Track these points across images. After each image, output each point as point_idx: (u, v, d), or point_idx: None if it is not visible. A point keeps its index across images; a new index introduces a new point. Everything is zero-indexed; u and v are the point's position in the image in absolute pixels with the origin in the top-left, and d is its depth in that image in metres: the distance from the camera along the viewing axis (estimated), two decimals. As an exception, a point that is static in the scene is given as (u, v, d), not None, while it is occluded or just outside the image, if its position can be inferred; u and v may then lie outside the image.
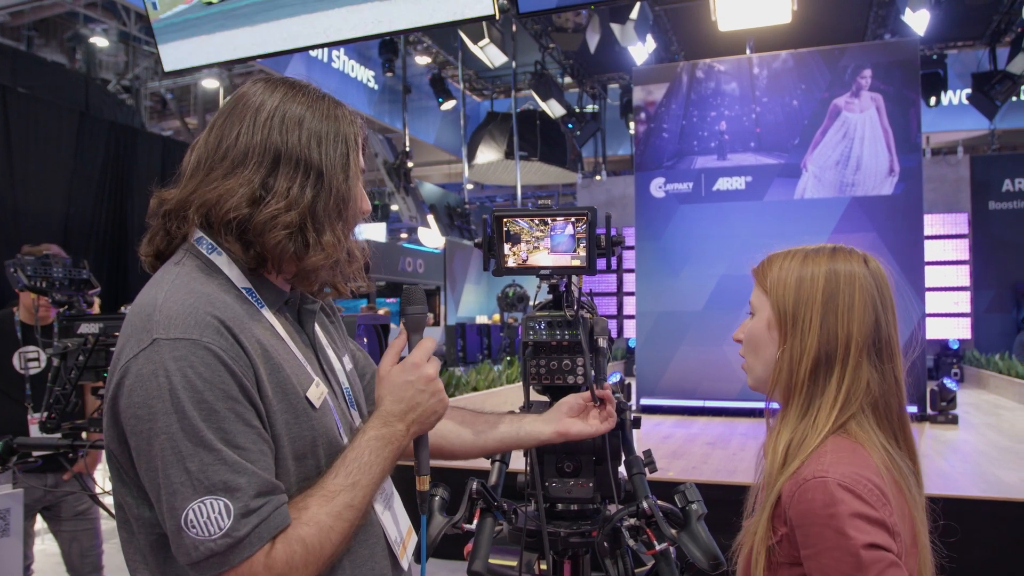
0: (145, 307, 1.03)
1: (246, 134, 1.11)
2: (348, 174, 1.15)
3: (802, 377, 1.20)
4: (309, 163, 1.11)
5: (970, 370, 11.11)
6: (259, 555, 0.96)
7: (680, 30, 11.85)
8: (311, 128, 1.13)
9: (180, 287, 1.05)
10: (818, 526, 1.05)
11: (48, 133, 8.04)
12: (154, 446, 0.96)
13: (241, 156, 1.10)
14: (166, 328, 0.99)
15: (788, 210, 7.98)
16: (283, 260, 1.10)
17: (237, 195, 1.08)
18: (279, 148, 1.10)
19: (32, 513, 3.14)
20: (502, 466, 1.76)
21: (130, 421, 0.98)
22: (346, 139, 1.16)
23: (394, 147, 13.01)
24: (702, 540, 1.55)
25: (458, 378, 7.42)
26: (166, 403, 0.96)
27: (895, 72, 7.72)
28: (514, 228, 1.68)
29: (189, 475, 0.95)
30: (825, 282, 1.23)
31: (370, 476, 1.08)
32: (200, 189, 1.10)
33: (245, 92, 1.16)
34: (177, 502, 0.95)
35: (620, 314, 12.81)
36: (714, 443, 6.23)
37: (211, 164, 1.11)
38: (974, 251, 11.78)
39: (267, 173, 1.10)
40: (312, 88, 1.19)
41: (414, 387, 1.16)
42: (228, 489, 0.95)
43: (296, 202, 1.09)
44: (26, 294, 3.08)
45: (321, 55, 12.07)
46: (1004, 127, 14.11)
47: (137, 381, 0.97)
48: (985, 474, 4.82)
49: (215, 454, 0.96)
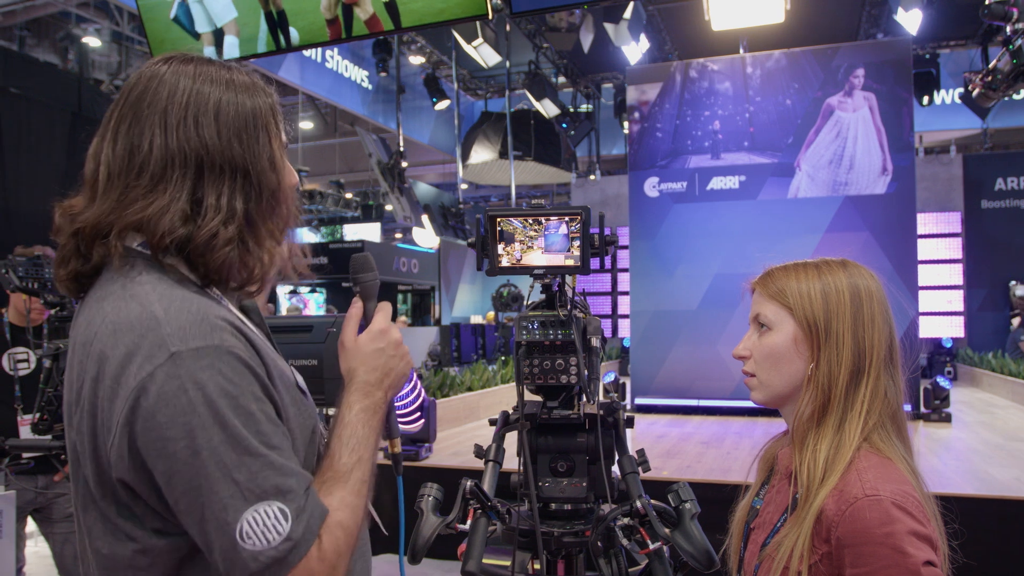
0: (139, 321, 0.96)
1: (160, 140, 1.02)
2: (274, 163, 1.09)
3: (841, 390, 1.21)
4: (234, 165, 1.04)
5: (963, 368, 11.15)
6: (313, 550, 0.94)
7: (673, 30, 11.86)
8: (228, 119, 1.05)
9: (168, 294, 0.99)
10: (873, 544, 1.05)
11: (40, 133, 8.00)
12: (194, 465, 0.91)
13: (160, 169, 1.01)
14: (183, 339, 0.94)
15: (782, 209, 8.00)
16: (231, 274, 1.05)
17: (169, 215, 1.00)
18: (200, 154, 1.02)
19: (24, 515, 3.13)
20: (496, 466, 1.76)
21: (156, 443, 0.91)
22: (266, 124, 1.09)
23: (388, 147, 12.98)
24: (696, 539, 1.55)
25: (452, 378, 7.41)
26: (203, 417, 0.91)
27: (888, 71, 7.74)
28: (508, 228, 1.67)
29: (238, 486, 0.91)
30: (851, 295, 1.24)
31: (369, 448, 1.08)
32: (119, 210, 1.01)
33: (147, 83, 1.06)
34: (229, 516, 0.91)
35: (614, 313, 12.81)
36: (708, 442, 6.23)
37: (127, 180, 1.02)
38: (967, 250, 11.81)
39: (193, 185, 1.02)
40: (218, 63, 1.10)
41: (385, 354, 1.15)
42: (280, 492, 0.93)
43: (232, 214, 1.03)
44: (16, 295, 3.06)
45: (315, 55, 12.04)
46: (996, 126, 14.15)
47: (160, 400, 0.91)
48: (978, 472, 4.84)
49: (261, 459, 0.93)
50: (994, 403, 8.69)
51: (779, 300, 1.28)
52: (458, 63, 13.20)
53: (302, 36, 4.12)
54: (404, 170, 12.58)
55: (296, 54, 11.15)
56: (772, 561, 1.18)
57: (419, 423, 5.14)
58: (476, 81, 14.89)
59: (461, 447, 5.71)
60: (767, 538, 1.24)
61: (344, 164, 18.67)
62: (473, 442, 1.79)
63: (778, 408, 1.32)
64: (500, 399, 7.71)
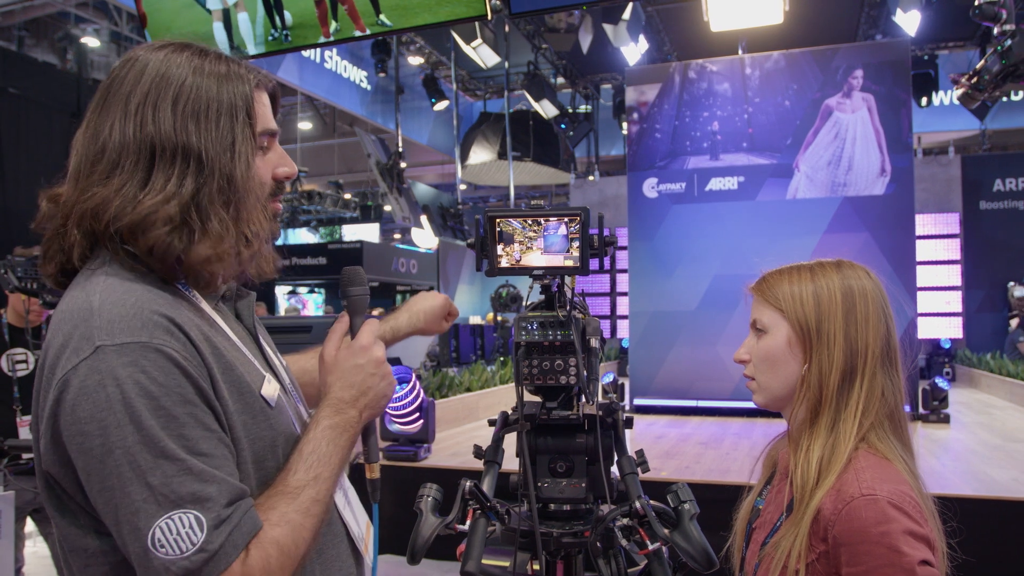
0: (78, 311, 0.93)
1: (119, 127, 1.00)
2: (235, 151, 1.03)
3: (832, 390, 1.22)
4: (187, 150, 1.00)
5: (962, 369, 11.16)
6: (235, 565, 0.89)
7: (672, 30, 11.86)
8: (188, 103, 1.01)
9: (115, 286, 0.96)
10: (869, 543, 1.06)
11: (39, 134, 8.01)
12: (107, 464, 0.87)
13: (115, 156, 1.00)
14: (109, 333, 0.90)
15: (780, 210, 8.00)
16: (171, 261, 0.99)
17: (117, 201, 0.97)
18: (153, 140, 0.99)
19: (23, 515, 3.13)
20: (495, 467, 1.76)
21: (75, 439, 0.88)
22: (232, 107, 1.04)
23: (387, 147, 12.98)
24: (695, 540, 1.55)
25: (451, 378, 7.41)
26: (118, 415, 0.87)
27: (886, 72, 7.75)
28: (507, 228, 1.67)
29: (152, 490, 0.87)
30: (843, 295, 1.25)
31: (330, 468, 1.03)
32: (80, 197, 1.00)
33: (118, 70, 1.04)
34: (141, 522, 0.86)
35: (613, 314, 12.81)
36: (707, 443, 6.23)
37: (89, 167, 1.01)
38: (965, 251, 11.83)
39: (145, 172, 0.99)
40: (198, 45, 1.07)
41: (364, 371, 1.10)
42: (197, 500, 0.88)
43: (175, 194, 0.98)
44: (15, 296, 3.06)
45: (314, 55, 12.04)
46: (995, 127, 14.17)
47: (81, 394, 0.88)
48: (977, 472, 4.84)
49: (179, 464, 0.88)
50: (992, 404, 8.69)
51: (773, 304, 1.30)
52: (457, 64, 13.20)
53: (295, 18, 4.17)
54: (403, 171, 12.58)
55: (295, 55, 11.15)
56: (771, 560, 1.18)
57: (418, 424, 5.14)
58: (475, 82, 14.89)
59: (460, 448, 5.71)
60: (767, 538, 1.25)
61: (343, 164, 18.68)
62: (472, 443, 1.79)
63: (780, 411, 1.33)
64: (499, 400, 7.71)
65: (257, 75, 1.10)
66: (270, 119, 1.11)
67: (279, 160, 1.12)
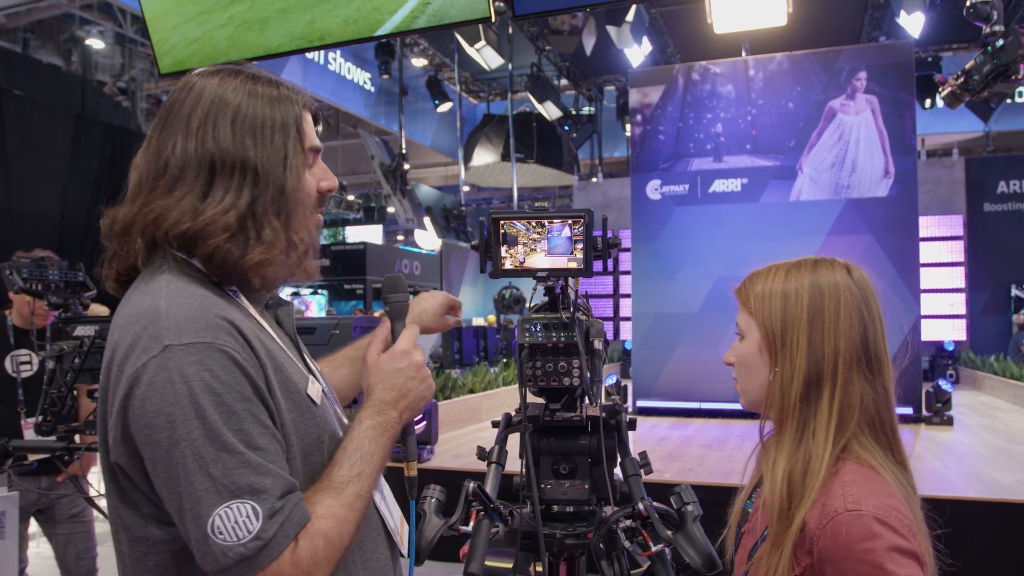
0: (145, 313, 1.00)
1: (181, 144, 1.08)
2: (287, 164, 1.12)
3: (793, 400, 1.17)
4: (245, 164, 1.08)
5: (965, 371, 11.13)
6: (286, 553, 0.96)
7: (676, 32, 11.87)
8: (245, 121, 1.10)
9: (179, 291, 1.02)
10: (853, 560, 1.04)
11: (44, 135, 8.03)
12: (174, 455, 0.94)
13: (178, 171, 1.07)
14: (177, 333, 0.97)
15: (784, 212, 8.00)
16: (228, 267, 1.07)
17: (177, 211, 1.05)
18: (213, 155, 1.07)
19: (27, 516, 3.13)
20: (498, 468, 1.76)
21: (143, 431, 0.95)
22: (284, 125, 1.13)
23: (390, 149, 13.00)
24: (698, 541, 1.56)
25: (454, 380, 7.41)
26: (185, 409, 0.94)
27: (890, 74, 7.74)
28: (511, 230, 1.68)
29: (213, 480, 0.93)
30: (809, 298, 1.19)
31: (372, 465, 1.09)
32: (142, 210, 1.07)
33: (178, 93, 1.13)
34: (203, 509, 0.93)
35: (616, 316, 12.82)
36: (710, 445, 6.23)
37: (152, 182, 1.09)
38: (969, 253, 11.81)
39: (205, 184, 1.07)
40: (248, 71, 1.16)
41: (405, 374, 1.17)
42: (254, 491, 0.95)
43: (231, 205, 1.06)
44: (20, 297, 3.07)
45: (317, 57, 12.06)
46: (999, 129, 14.15)
47: (151, 390, 0.95)
48: (980, 475, 4.84)
49: (238, 457, 0.95)
50: (996, 406, 8.68)
51: (747, 308, 1.27)
52: (460, 65, 13.22)
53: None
54: (406, 172, 12.60)
55: (299, 56, 11.17)
56: (758, 572, 1.17)
57: (421, 425, 5.15)
58: (478, 83, 14.90)
59: (463, 449, 5.71)
60: (755, 546, 1.23)
61: (346, 166, 18.70)
62: (474, 444, 1.80)
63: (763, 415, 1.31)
64: (501, 401, 7.71)
65: (303, 97, 1.18)
66: (315, 137, 1.20)
67: (323, 175, 1.20)
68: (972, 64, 6.53)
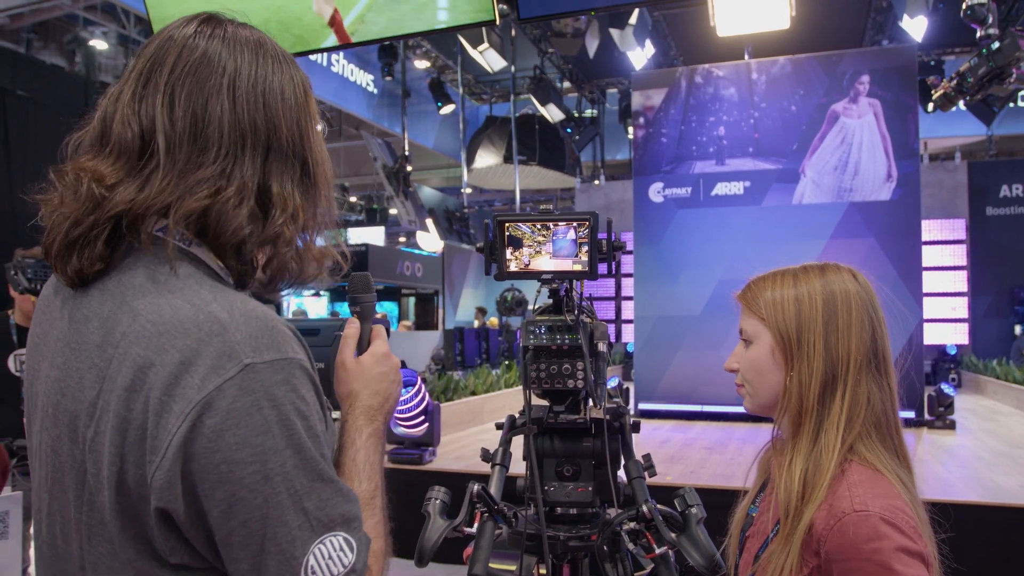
0: (198, 323, 0.83)
1: (230, 114, 0.90)
2: (324, 155, 1.00)
3: (812, 401, 1.19)
4: (295, 151, 0.95)
5: (968, 375, 11.12)
6: None
7: (679, 35, 11.87)
8: (292, 100, 0.95)
9: (222, 295, 0.87)
10: (860, 560, 1.05)
11: (47, 136, 8.03)
12: (263, 492, 0.80)
13: (230, 146, 0.89)
14: (256, 349, 0.82)
15: (786, 215, 8.00)
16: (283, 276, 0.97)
17: (242, 208, 0.89)
18: (270, 135, 0.92)
19: (30, 516, 3.14)
20: (502, 470, 1.77)
21: (221, 467, 0.79)
22: (312, 112, 0.99)
23: (393, 151, 13.00)
24: (701, 544, 1.56)
25: (456, 382, 7.41)
26: (276, 439, 0.80)
27: (893, 78, 7.75)
28: (516, 233, 1.68)
29: (307, 516, 0.82)
30: (823, 302, 1.22)
31: (381, 476, 1.03)
32: (179, 192, 0.87)
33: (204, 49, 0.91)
34: (297, 550, 0.81)
35: (618, 318, 12.81)
36: (712, 447, 6.23)
37: (190, 155, 0.88)
38: (972, 257, 11.79)
39: (262, 172, 0.91)
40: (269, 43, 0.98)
41: (388, 378, 1.10)
42: (346, 521, 0.86)
43: (295, 212, 0.93)
44: (24, 297, 3.08)
45: (321, 59, 12.08)
46: (1002, 133, 14.12)
47: (230, 418, 0.79)
48: (983, 479, 4.83)
49: (332, 486, 0.85)
50: (998, 410, 8.66)
51: (756, 313, 1.28)
52: (463, 68, 13.22)
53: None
54: (409, 174, 12.60)
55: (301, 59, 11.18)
56: (766, 570, 1.18)
57: (423, 427, 5.15)
58: (481, 86, 14.91)
59: (465, 451, 5.71)
60: (760, 548, 1.24)
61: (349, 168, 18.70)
62: (476, 446, 1.80)
63: (771, 416, 1.32)
64: (504, 403, 7.71)
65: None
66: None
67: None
68: (967, 66, 6.54)
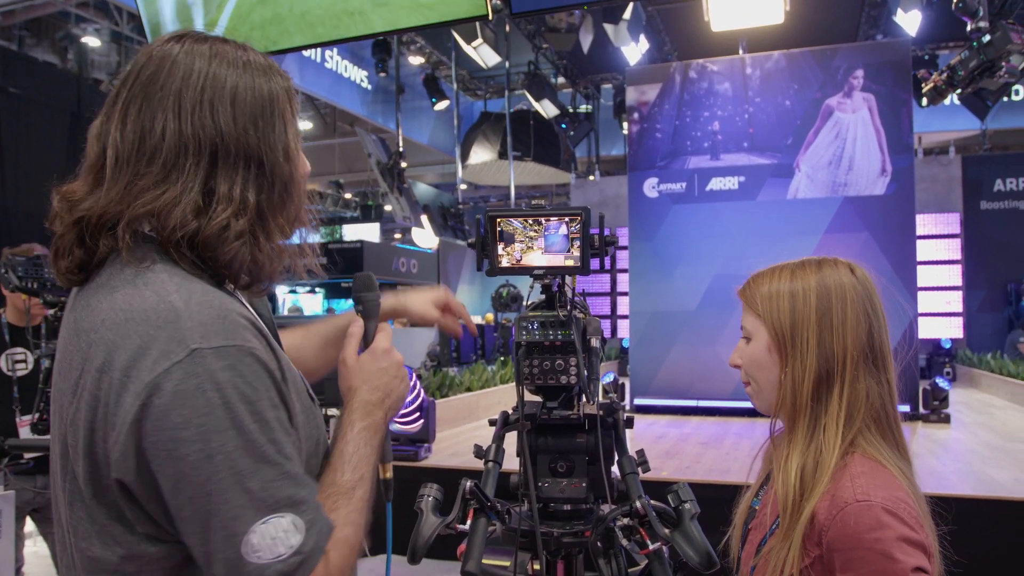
0: (155, 311, 0.89)
1: (173, 125, 0.95)
2: (288, 153, 1.03)
3: (806, 398, 1.19)
4: (249, 154, 0.98)
5: (962, 369, 11.16)
6: (320, 566, 0.91)
7: (673, 30, 11.86)
8: (245, 104, 0.99)
9: (186, 286, 0.93)
10: (862, 550, 1.05)
11: (40, 133, 8.00)
12: (204, 470, 0.85)
13: (172, 156, 0.95)
14: (204, 336, 0.88)
15: (781, 210, 8.00)
16: (237, 268, 0.99)
17: (180, 207, 0.94)
18: (215, 141, 0.96)
19: (23, 515, 3.12)
20: (496, 466, 1.76)
21: (167, 445, 0.85)
22: (283, 110, 1.03)
23: (387, 147, 12.97)
24: (696, 539, 1.55)
25: (451, 378, 7.41)
26: (220, 419, 0.85)
27: (887, 72, 7.75)
28: (508, 228, 1.67)
29: (250, 495, 0.86)
30: (817, 298, 1.21)
31: (369, 468, 1.05)
32: (127, 199, 0.94)
33: (159, 63, 0.98)
34: (239, 527, 0.86)
35: (613, 314, 12.82)
36: (707, 443, 6.24)
37: (136, 167, 0.95)
38: (966, 251, 11.83)
39: (207, 174, 0.96)
40: (233, 43, 1.03)
41: (388, 374, 1.13)
42: (293, 503, 0.89)
43: (244, 206, 0.97)
44: (15, 295, 3.06)
45: (314, 55, 12.04)
46: (995, 127, 14.16)
47: (176, 399, 0.85)
48: (977, 473, 4.84)
49: (276, 468, 0.88)
50: (993, 404, 8.69)
51: (754, 309, 1.28)
52: (457, 63, 13.21)
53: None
54: (403, 170, 12.57)
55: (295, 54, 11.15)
56: (766, 565, 1.18)
57: (418, 423, 5.14)
58: (475, 81, 14.89)
59: (460, 447, 5.71)
60: (762, 541, 1.24)
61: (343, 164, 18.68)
62: (471, 442, 1.79)
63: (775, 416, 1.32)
64: (499, 399, 7.71)
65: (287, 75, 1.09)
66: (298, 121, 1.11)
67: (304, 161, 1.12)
68: (957, 60, 6.54)
